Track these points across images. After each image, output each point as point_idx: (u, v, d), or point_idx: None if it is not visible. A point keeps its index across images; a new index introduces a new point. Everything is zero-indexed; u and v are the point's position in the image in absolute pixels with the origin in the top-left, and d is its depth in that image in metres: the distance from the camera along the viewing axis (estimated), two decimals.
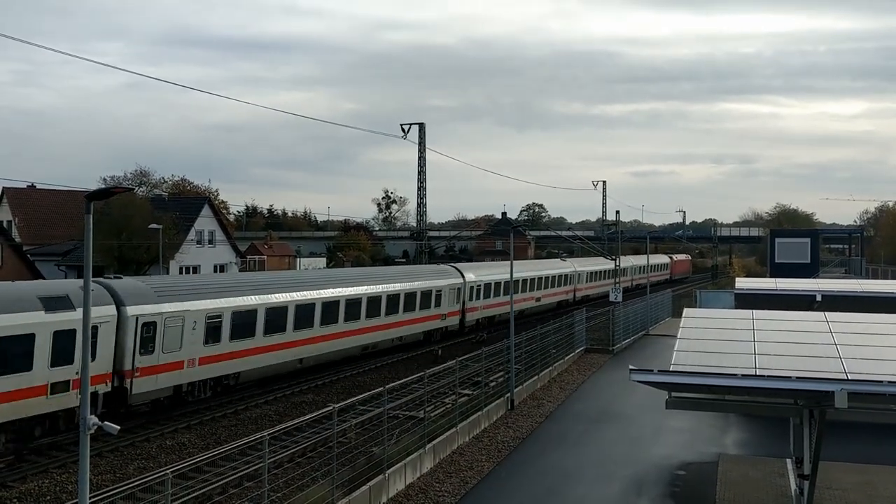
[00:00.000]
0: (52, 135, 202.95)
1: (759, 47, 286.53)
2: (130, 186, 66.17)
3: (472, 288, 44.28)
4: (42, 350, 19.64)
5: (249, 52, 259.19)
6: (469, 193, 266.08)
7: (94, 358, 20.26)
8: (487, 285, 46.12)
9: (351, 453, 17.13)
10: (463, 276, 43.39)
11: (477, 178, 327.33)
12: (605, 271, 68.63)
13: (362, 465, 16.59)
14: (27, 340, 19.39)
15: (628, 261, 77.19)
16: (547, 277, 56.53)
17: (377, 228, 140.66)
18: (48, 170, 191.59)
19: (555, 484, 18.02)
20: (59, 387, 20.10)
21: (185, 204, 64.58)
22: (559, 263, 63.47)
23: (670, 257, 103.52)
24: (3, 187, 69.82)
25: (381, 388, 18.42)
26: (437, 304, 40.39)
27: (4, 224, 53.77)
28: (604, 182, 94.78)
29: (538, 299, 54.61)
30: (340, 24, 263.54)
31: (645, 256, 76.19)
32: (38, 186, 65.73)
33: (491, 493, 17.63)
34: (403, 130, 52.82)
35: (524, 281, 51.54)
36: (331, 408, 16.19)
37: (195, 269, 58.29)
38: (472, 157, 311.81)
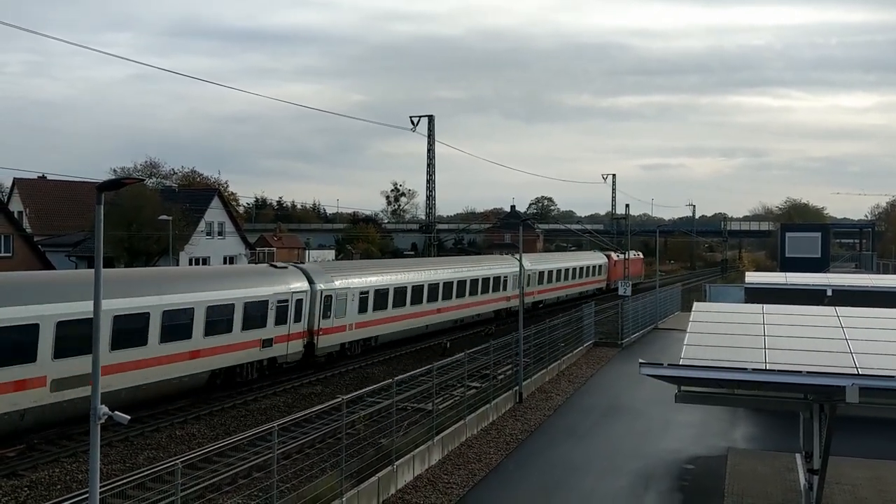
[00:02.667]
0: (62, 126, 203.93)
1: (768, 40, 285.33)
2: (140, 178, 66.41)
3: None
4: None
5: (258, 44, 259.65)
6: (478, 186, 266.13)
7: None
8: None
9: (359, 445, 17.15)
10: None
11: (485, 171, 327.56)
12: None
13: (371, 457, 16.63)
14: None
15: (541, 261, 58.75)
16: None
17: (386, 221, 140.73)
18: (59, 161, 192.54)
19: (563, 477, 18.03)
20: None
21: (194, 195, 64.75)
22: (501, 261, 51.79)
23: (608, 256, 72.64)
24: (14, 178, 70.25)
25: (389, 380, 18.45)
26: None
27: (15, 215, 53.96)
28: (613, 175, 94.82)
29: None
30: (348, 15, 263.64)
31: (573, 255, 67.16)
32: (49, 177, 66.04)
33: (499, 485, 17.65)
34: (413, 122, 52.81)
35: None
36: (339, 399, 16.22)
37: (205, 261, 58.43)
38: (480, 150, 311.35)
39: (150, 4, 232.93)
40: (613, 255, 72.94)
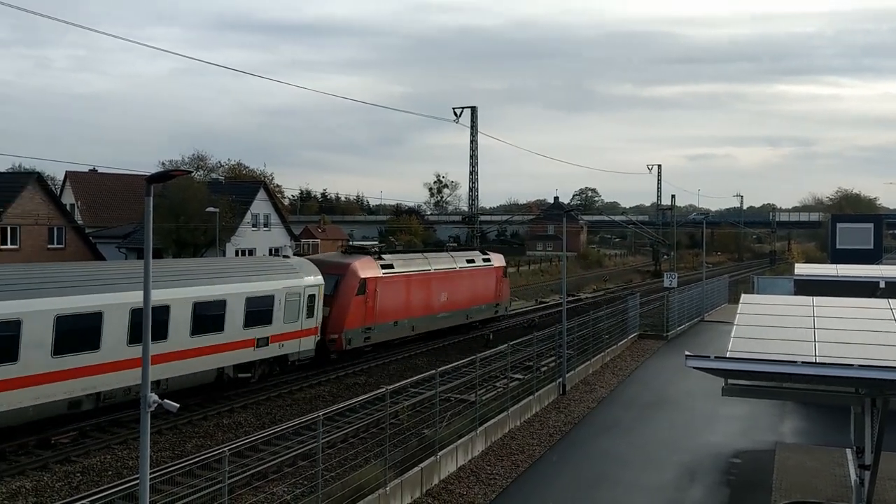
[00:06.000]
0: (111, 120, 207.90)
1: (820, 26, 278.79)
2: (188, 170, 67.37)
3: None
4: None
5: (301, 36, 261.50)
6: (520, 177, 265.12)
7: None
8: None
9: (403, 435, 17.25)
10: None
11: (528, 162, 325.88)
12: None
13: (414, 447, 16.71)
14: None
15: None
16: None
17: (429, 213, 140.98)
18: (109, 154, 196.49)
19: (606, 469, 17.92)
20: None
21: (241, 188, 65.49)
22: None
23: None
24: (67, 171, 71.92)
25: (433, 371, 18.51)
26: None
27: (68, 207, 55.24)
28: (658, 166, 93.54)
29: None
30: (389, 6, 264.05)
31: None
32: (100, 170, 67.42)
33: (542, 476, 17.61)
34: (455, 114, 52.74)
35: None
36: (383, 389, 16.33)
37: (251, 252, 59.20)
38: (522, 141, 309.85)
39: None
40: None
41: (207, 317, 23.32)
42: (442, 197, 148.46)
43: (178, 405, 9.48)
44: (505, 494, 16.56)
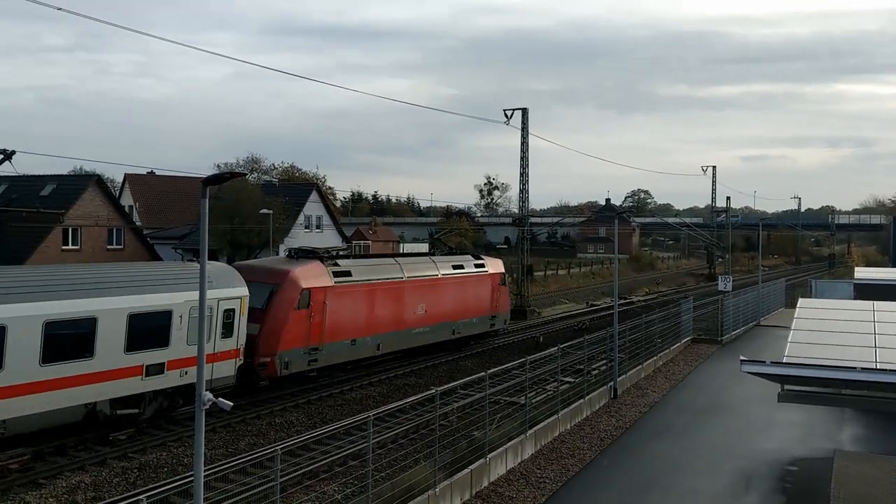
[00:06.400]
0: (169, 123, 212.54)
1: (882, 24, 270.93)
2: (243, 172, 68.49)
3: None
4: None
5: (352, 40, 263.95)
6: (571, 179, 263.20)
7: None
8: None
9: (452, 436, 17.26)
10: None
11: (579, 164, 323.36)
12: None
13: (464, 449, 16.70)
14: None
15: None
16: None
17: (479, 214, 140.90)
18: (166, 157, 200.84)
19: (659, 475, 17.67)
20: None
21: (293, 190, 66.29)
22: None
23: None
24: (125, 174, 73.77)
25: (482, 373, 18.48)
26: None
27: (126, 209, 56.61)
28: (713, 167, 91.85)
29: None
30: (439, 9, 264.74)
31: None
32: (157, 173, 68.97)
33: (593, 481, 17.45)
34: (506, 115, 52.44)
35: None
36: (433, 391, 16.36)
37: None
38: (573, 142, 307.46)
39: (250, 4, 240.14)
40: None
41: (68, 339, 18.41)
42: (492, 199, 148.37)
43: (231, 404, 9.63)
44: (555, 498, 16.44)
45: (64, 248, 43.20)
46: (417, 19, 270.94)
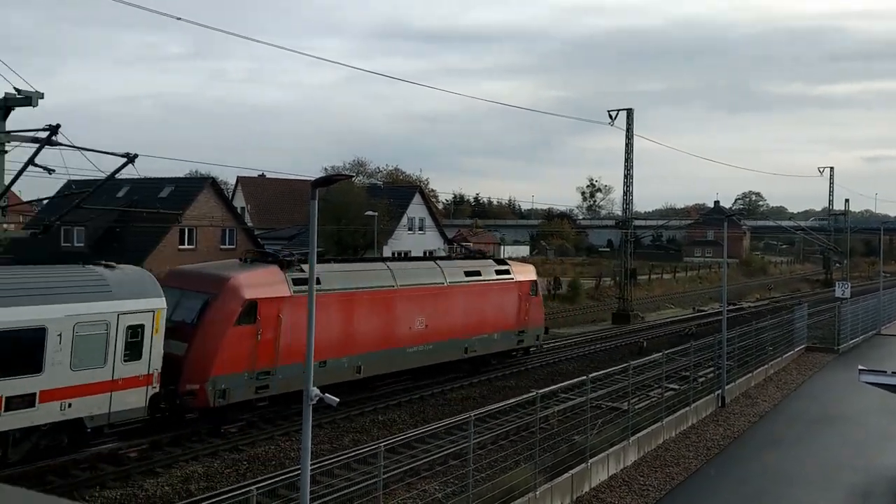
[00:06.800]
0: (278, 127, 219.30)
1: None
2: (351, 174, 70.04)
3: None
4: None
5: (456, 43, 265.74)
6: (678, 181, 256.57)
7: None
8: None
9: (553, 440, 17.15)
10: None
11: (686, 165, 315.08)
12: None
13: (564, 453, 16.57)
14: None
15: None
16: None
17: (581, 217, 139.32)
18: (276, 160, 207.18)
19: (768, 486, 17.03)
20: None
21: (397, 192, 67.40)
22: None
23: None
24: (238, 176, 76.68)
25: (583, 377, 18.29)
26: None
27: (238, 210, 58.86)
28: (831, 168, 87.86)
29: None
30: (542, 10, 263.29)
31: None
32: (268, 175, 71.38)
33: (699, 491, 16.99)
34: (611, 116, 51.69)
35: None
36: (534, 393, 16.31)
37: (405, 255, 60.84)
38: (681, 143, 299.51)
39: (356, 10, 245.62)
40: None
41: None
42: (595, 201, 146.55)
43: (337, 399, 9.88)
44: None
45: (180, 247, 45.34)
46: (520, 22, 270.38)
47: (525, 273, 32.46)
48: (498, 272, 30.84)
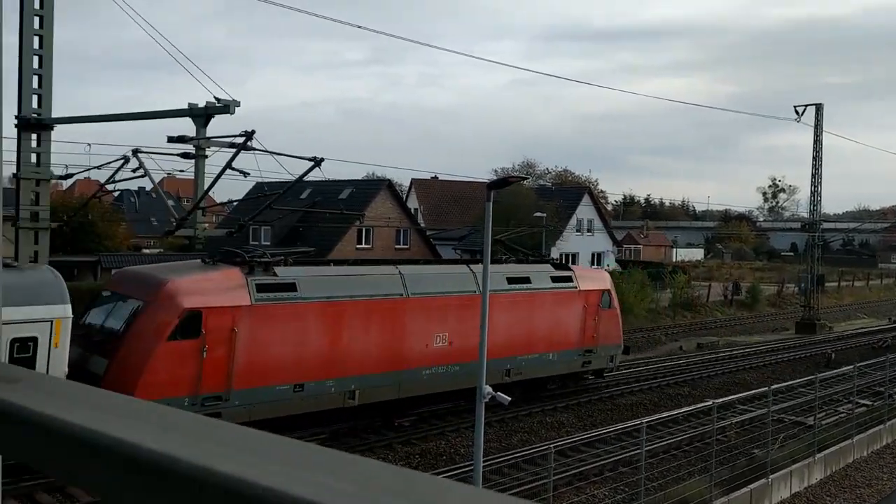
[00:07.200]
0: (450, 130, 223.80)
1: None
2: (523, 176, 70.41)
3: None
4: None
5: (627, 41, 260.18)
6: (873, 181, 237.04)
7: None
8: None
9: (730, 452, 16.46)
10: None
11: (883, 164, 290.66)
12: None
13: (742, 467, 15.87)
14: None
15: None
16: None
17: (761, 219, 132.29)
18: (448, 162, 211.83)
19: None
20: None
21: (566, 193, 67.00)
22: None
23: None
24: (412, 178, 79.02)
25: (765, 388, 17.42)
26: None
27: (412, 211, 60.62)
28: None
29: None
30: (717, 4, 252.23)
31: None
32: (440, 177, 73.10)
33: None
34: (797, 112, 48.78)
35: None
36: (710, 403, 15.75)
37: (574, 256, 60.30)
38: (876, 140, 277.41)
39: (526, 13, 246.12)
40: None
41: None
42: (777, 202, 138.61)
43: (509, 398, 10.02)
44: None
45: (358, 246, 47.34)
46: (695, 16, 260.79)
47: (594, 281, 27.03)
48: (555, 279, 25.46)
